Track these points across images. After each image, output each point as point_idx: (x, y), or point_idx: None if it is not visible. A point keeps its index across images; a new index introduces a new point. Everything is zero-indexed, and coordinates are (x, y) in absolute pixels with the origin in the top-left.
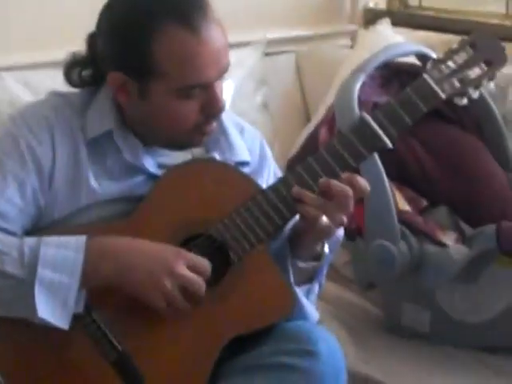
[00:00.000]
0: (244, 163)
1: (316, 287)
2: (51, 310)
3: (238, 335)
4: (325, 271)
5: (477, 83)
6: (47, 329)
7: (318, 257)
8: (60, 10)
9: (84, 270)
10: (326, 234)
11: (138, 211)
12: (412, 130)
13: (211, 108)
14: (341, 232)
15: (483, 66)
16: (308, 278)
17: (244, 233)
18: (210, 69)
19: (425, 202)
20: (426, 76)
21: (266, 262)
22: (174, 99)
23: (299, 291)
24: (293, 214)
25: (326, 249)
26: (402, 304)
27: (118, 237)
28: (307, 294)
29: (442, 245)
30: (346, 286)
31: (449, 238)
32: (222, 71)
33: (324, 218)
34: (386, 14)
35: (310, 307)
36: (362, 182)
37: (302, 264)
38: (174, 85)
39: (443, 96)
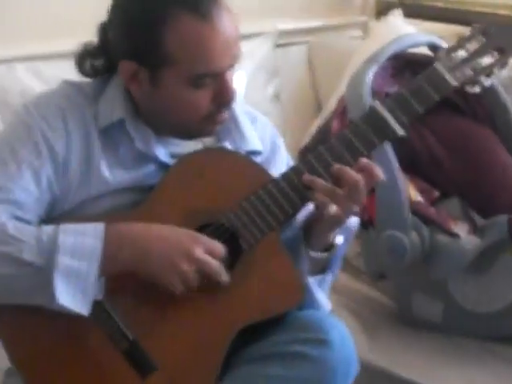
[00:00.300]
0: (256, 152)
1: (329, 277)
2: (71, 297)
3: (249, 324)
4: (339, 261)
5: (489, 71)
6: (59, 318)
7: (331, 247)
8: (72, 1)
9: (103, 256)
10: (336, 223)
11: (148, 200)
12: (424, 121)
13: (222, 97)
14: (355, 222)
15: (495, 53)
16: (321, 268)
17: (255, 221)
18: (221, 57)
19: (437, 193)
20: (437, 64)
21: (277, 250)
22: (185, 88)
23: (312, 281)
24: (304, 202)
25: (339, 240)
26: (414, 294)
27: (136, 223)
28: (320, 283)
29: (454, 235)
30: (358, 276)
31: (461, 229)
32: (234, 60)
33: (334, 208)
34: (398, 5)
35: (322, 297)
36: (376, 168)
37: (313, 254)
38: (185, 73)
39: (455, 84)
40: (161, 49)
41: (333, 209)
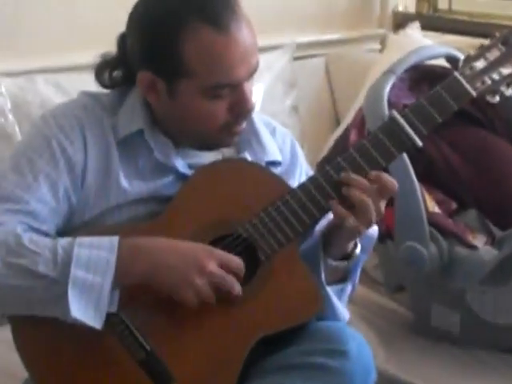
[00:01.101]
0: (276, 163)
1: (349, 287)
2: (84, 310)
3: (267, 335)
4: (358, 271)
5: (509, 80)
6: (75, 329)
7: (350, 256)
8: (91, 13)
9: (117, 270)
10: (355, 233)
11: (166, 211)
12: (442, 133)
13: (240, 108)
14: (375, 231)
15: None
16: (340, 278)
17: (273, 232)
18: (239, 68)
19: (454, 205)
20: (456, 74)
21: (295, 261)
22: (203, 99)
23: (330, 290)
24: (322, 213)
25: (358, 249)
26: (432, 306)
27: (150, 237)
28: (339, 293)
29: (472, 247)
30: (376, 288)
31: (479, 241)
32: (252, 71)
33: (353, 219)
34: (416, 18)
35: (341, 307)
36: (389, 179)
37: (333, 263)
38: (202, 84)
39: (474, 94)
40: (178, 60)
41: (351, 220)
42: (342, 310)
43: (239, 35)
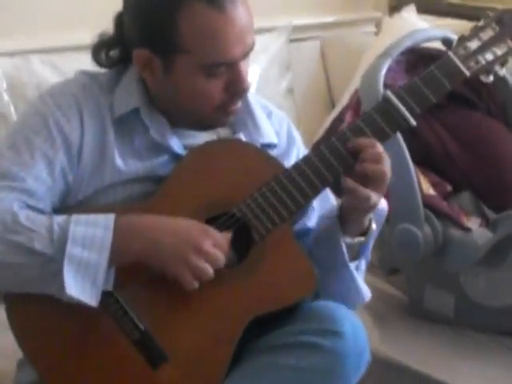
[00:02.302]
0: (271, 145)
1: (363, 263)
2: (80, 288)
3: (261, 314)
4: (370, 246)
5: (503, 60)
6: (70, 308)
7: (365, 232)
8: None
9: (113, 247)
10: (370, 205)
11: (160, 191)
12: (437, 115)
13: (236, 87)
14: (385, 204)
15: (510, 42)
16: (354, 255)
17: (267, 212)
18: (235, 47)
19: (449, 187)
20: (450, 53)
21: (289, 241)
22: (199, 77)
23: (353, 267)
24: (316, 192)
25: (374, 224)
26: (426, 288)
27: (147, 215)
28: (356, 270)
29: (467, 229)
30: (370, 270)
31: (473, 223)
32: (248, 50)
33: (364, 190)
34: (411, 1)
35: (363, 284)
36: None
37: (350, 240)
38: (198, 62)
39: (468, 73)
40: (174, 37)
41: (367, 191)
42: (364, 287)
43: (235, 14)
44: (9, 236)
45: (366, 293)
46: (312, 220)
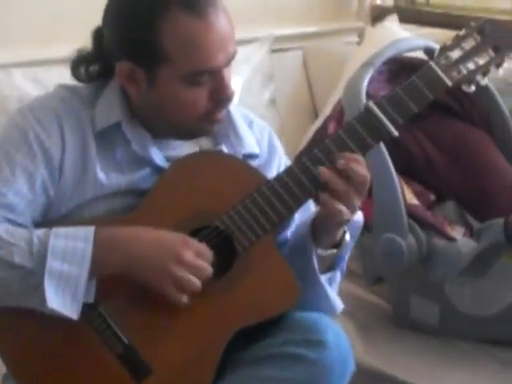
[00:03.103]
0: (253, 156)
1: (338, 275)
2: (61, 301)
3: (245, 326)
4: (346, 258)
5: (485, 70)
6: (54, 322)
7: (339, 244)
8: (69, 6)
9: (93, 260)
10: (342, 221)
11: (142, 205)
12: (420, 125)
13: (220, 95)
14: (360, 217)
15: (491, 52)
16: (328, 266)
17: (249, 224)
18: (217, 54)
19: (433, 197)
20: (432, 63)
21: (272, 253)
22: (182, 86)
23: (324, 279)
24: (298, 204)
25: (348, 236)
26: (411, 297)
27: (126, 227)
28: (330, 281)
29: (451, 239)
30: (354, 280)
31: (457, 233)
32: (230, 57)
33: (339, 205)
34: (394, 11)
35: (335, 296)
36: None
37: (322, 252)
38: (181, 71)
39: (449, 83)
40: (156, 47)
41: (339, 206)
42: (336, 299)
43: (217, 21)
44: None
45: (338, 305)
46: (292, 230)
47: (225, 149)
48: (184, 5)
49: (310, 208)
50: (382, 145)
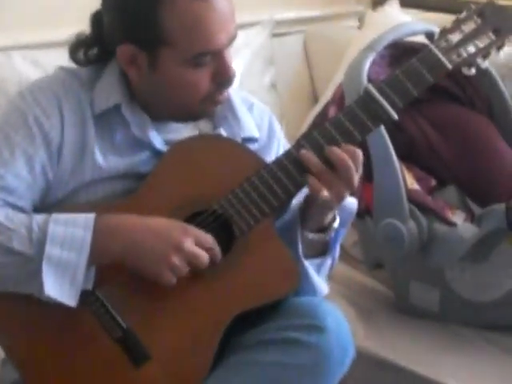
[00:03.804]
0: (252, 139)
1: (328, 261)
2: (59, 288)
3: (244, 311)
4: (338, 245)
5: (485, 53)
6: (52, 307)
7: (327, 229)
8: None
9: (92, 247)
10: (328, 207)
11: (141, 189)
12: (421, 110)
13: (222, 75)
14: (354, 204)
15: (491, 35)
16: (320, 252)
17: (248, 207)
18: (219, 35)
19: (434, 182)
20: (432, 46)
21: (271, 237)
22: (185, 68)
23: (308, 264)
24: (297, 188)
25: (336, 222)
26: (411, 283)
27: (127, 214)
28: (318, 267)
29: (452, 224)
30: (355, 266)
31: (458, 218)
32: (231, 38)
33: (326, 192)
34: None
35: (319, 281)
36: (355, 149)
37: (311, 235)
38: (184, 53)
39: (450, 66)
40: (158, 30)
41: (325, 193)
42: (321, 284)
43: (218, 2)
44: None
45: (322, 289)
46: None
47: (224, 132)
48: None
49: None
50: (383, 129)
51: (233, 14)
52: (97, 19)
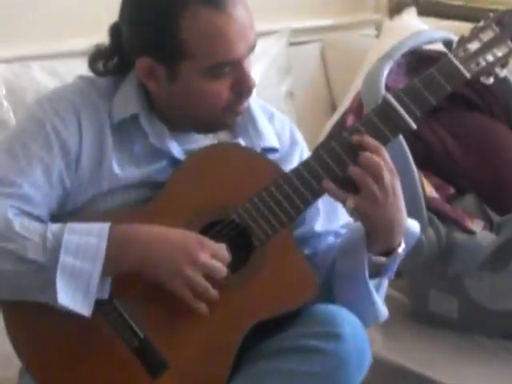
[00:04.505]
0: (272, 149)
1: (385, 282)
2: (72, 297)
3: (262, 320)
4: (395, 267)
5: (504, 61)
6: (69, 316)
7: (391, 253)
8: (85, 0)
9: (107, 257)
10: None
11: (159, 196)
12: (439, 118)
13: (242, 86)
14: (416, 228)
15: (510, 43)
16: (375, 272)
17: (266, 217)
18: (238, 45)
19: (452, 190)
20: (450, 55)
21: (289, 246)
22: (204, 79)
23: (371, 285)
24: (315, 197)
25: (401, 248)
26: (430, 291)
27: (142, 225)
28: (377, 288)
29: (470, 232)
30: None
31: (477, 226)
32: (251, 47)
33: (351, 201)
34: (412, 3)
35: (380, 303)
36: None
37: (374, 258)
38: (203, 64)
39: (468, 75)
40: (177, 43)
41: (352, 201)
42: (381, 306)
43: (236, 12)
44: (2, 243)
45: (383, 313)
46: (320, 223)
47: (243, 142)
48: None
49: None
50: (401, 138)
51: (252, 23)
52: (115, 31)
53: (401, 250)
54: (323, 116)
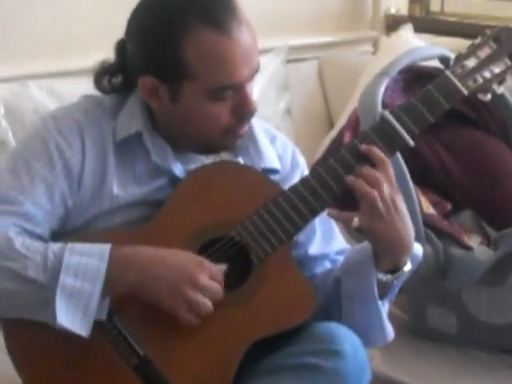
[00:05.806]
0: (273, 170)
1: (386, 304)
2: (71, 318)
3: (261, 338)
4: (397, 289)
5: (501, 78)
6: (69, 335)
7: (395, 271)
8: (85, 18)
9: (107, 278)
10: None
11: (159, 215)
12: (436, 134)
13: (243, 109)
14: (420, 250)
15: (507, 60)
16: (381, 293)
17: (265, 234)
18: (241, 69)
19: (449, 206)
20: (448, 72)
21: (288, 263)
22: (206, 101)
23: (380, 305)
24: (314, 215)
25: (407, 267)
26: (428, 307)
27: (142, 246)
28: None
29: (468, 248)
30: None
31: (474, 242)
32: (253, 71)
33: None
34: (408, 20)
35: (387, 322)
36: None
37: (380, 275)
38: (205, 86)
39: (466, 92)
40: (180, 63)
41: (357, 220)
42: (389, 326)
43: (240, 36)
44: (3, 262)
45: (390, 333)
46: (317, 244)
47: (242, 161)
48: (207, 21)
49: (335, 232)
50: (398, 154)
51: (256, 46)
52: (121, 47)
53: (406, 268)
54: (321, 132)
